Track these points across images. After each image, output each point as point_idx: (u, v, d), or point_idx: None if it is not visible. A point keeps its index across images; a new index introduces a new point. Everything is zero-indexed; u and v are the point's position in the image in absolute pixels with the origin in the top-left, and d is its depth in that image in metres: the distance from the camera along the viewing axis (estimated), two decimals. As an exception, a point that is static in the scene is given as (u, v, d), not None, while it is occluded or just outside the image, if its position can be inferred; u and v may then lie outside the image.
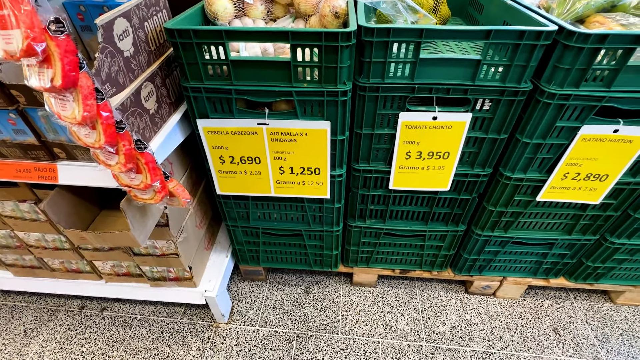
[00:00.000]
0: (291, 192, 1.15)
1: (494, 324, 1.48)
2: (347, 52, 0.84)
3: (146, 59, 0.85)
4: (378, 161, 1.12)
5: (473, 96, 0.92)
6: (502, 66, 0.87)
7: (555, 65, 0.86)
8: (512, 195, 1.14)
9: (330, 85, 0.90)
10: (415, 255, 1.44)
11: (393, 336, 1.44)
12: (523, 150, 1.02)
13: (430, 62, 0.88)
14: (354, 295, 1.59)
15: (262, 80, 0.91)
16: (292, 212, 1.27)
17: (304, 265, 1.51)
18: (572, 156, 1.00)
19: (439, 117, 0.96)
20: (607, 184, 1.06)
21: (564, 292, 1.60)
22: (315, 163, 1.06)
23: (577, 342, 1.42)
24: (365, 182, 1.17)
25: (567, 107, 0.91)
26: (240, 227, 1.33)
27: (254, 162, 1.08)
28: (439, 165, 1.07)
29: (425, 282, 1.64)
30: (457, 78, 0.90)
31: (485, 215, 1.23)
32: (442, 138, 1.01)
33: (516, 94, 0.90)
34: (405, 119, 0.97)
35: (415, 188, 1.14)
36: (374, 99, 0.95)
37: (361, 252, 1.44)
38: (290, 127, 0.98)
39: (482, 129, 1.00)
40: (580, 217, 1.19)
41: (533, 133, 0.97)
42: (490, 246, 1.33)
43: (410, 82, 0.90)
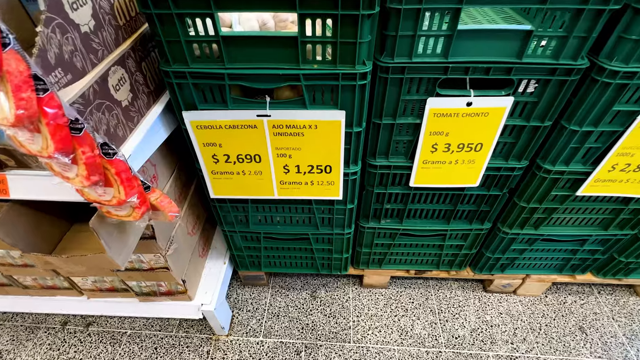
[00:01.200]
0: (297, 194, 0.99)
1: (516, 324, 1.38)
2: (368, 24, 0.67)
3: (113, 36, 0.67)
4: (398, 155, 0.96)
5: (518, 76, 0.76)
6: (556, 38, 0.71)
7: (620, 36, 0.71)
8: (549, 190, 1.00)
9: (347, 66, 0.73)
10: (433, 256, 1.31)
11: (409, 342, 1.33)
12: (569, 139, 0.87)
13: (468, 35, 0.71)
14: (364, 298, 1.47)
15: (261, 61, 0.74)
16: (297, 214, 1.11)
17: (311, 269, 1.37)
18: (626, 145, 0.86)
19: (474, 103, 0.81)
20: (660, 175, 0.93)
21: (587, 287, 1.50)
22: (326, 160, 0.90)
23: (605, 340, 1.33)
24: (382, 179, 1.02)
25: (629, 87, 0.76)
26: (238, 233, 1.18)
27: (253, 160, 0.91)
28: (470, 158, 0.92)
29: (441, 281, 1.52)
30: (500, 55, 0.74)
31: (515, 212, 1.09)
32: (476, 127, 0.85)
33: (570, 73, 0.75)
34: (434, 105, 0.81)
35: (439, 185, 1.00)
36: (398, 83, 0.79)
37: (374, 254, 1.30)
38: (297, 119, 0.82)
39: (523, 115, 0.85)
40: (621, 212, 1.07)
41: (584, 119, 0.83)
42: (517, 244, 1.21)
43: (444, 60, 0.74)
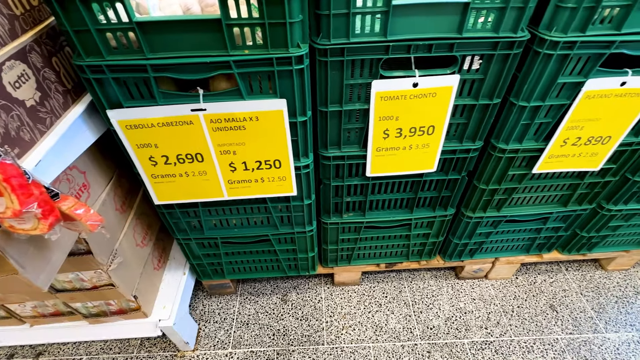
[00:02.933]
0: (249, 193, 0.93)
1: (490, 308, 1.37)
2: (297, 2, 0.63)
3: (7, 26, 0.59)
4: (351, 145, 0.92)
5: (460, 52, 0.74)
6: (495, 10, 0.68)
7: (557, 5, 0.69)
8: (506, 169, 0.99)
9: (281, 50, 0.68)
10: (402, 247, 1.28)
11: (385, 338, 1.29)
12: (519, 116, 0.86)
13: (406, 10, 0.68)
14: (337, 297, 1.42)
15: (187, 49, 0.67)
16: (254, 215, 1.05)
17: (278, 272, 1.31)
18: (574, 118, 0.86)
19: (420, 84, 0.77)
20: (609, 147, 0.93)
21: (556, 265, 1.52)
22: (274, 154, 0.85)
23: (575, 316, 1.34)
24: (337, 171, 0.98)
25: (570, 58, 0.75)
26: (194, 240, 1.10)
27: (195, 160, 0.85)
28: (424, 142, 0.89)
29: (413, 273, 1.50)
30: (440, 30, 0.71)
31: (476, 195, 1.08)
32: (426, 109, 0.82)
33: (512, 46, 0.73)
34: (380, 88, 0.78)
35: (397, 172, 0.96)
36: (339, 66, 0.74)
37: (341, 250, 1.26)
38: (235, 111, 0.76)
39: (472, 94, 0.83)
40: (578, 187, 1.07)
41: (531, 94, 0.81)
42: (482, 228, 1.20)
43: (383, 39, 0.70)
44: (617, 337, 1.28)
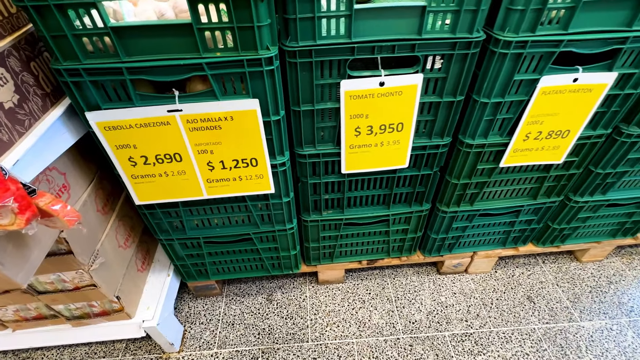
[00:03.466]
0: (227, 191, 0.96)
1: (470, 302, 1.41)
2: (263, 6, 0.67)
3: (-14, 33, 0.62)
4: (325, 143, 0.96)
5: (422, 52, 0.78)
6: (450, 13, 0.74)
7: (508, 8, 0.75)
8: (474, 164, 1.04)
9: (250, 52, 0.71)
10: (382, 243, 1.31)
11: (368, 333, 1.31)
12: (482, 112, 0.91)
13: (367, 14, 0.73)
14: (321, 295, 1.45)
15: (161, 52, 0.71)
16: (235, 214, 1.08)
17: (262, 272, 1.33)
18: (533, 113, 0.91)
19: (386, 82, 0.82)
20: (569, 140, 0.99)
21: (533, 257, 1.57)
22: (250, 153, 0.88)
23: (552, 307, 1.39)
24: (314, 168, 1.01)
25: (524, 56, 0.80)
26: (176, 240, 1.12)
27: (173, 160, 0.87)
28: (394, 139, 0.94)
29: (396, 269, 1.53)
30: (401, 32, 0.76)
31: (449, 190, 1.12)
32: (393, 107, 0.87)
33: (469, 46, 0.78)
34: (348, 87, 0.82)
35: (370, 169, 1.00)
36: (308, 67, 0.79)
37: (323, 248, 1.29)
38: (211, 112, 0.79)
39: (436, 92, 0.88)
40: (545, 180, 1.13)
41: (491, 91, 0.86)
42: (458, 222, 1.24)
43: (348, 41, 0.75)
44: (591, 325, 1.33)
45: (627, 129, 1.00)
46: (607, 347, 1.26)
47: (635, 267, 1.53)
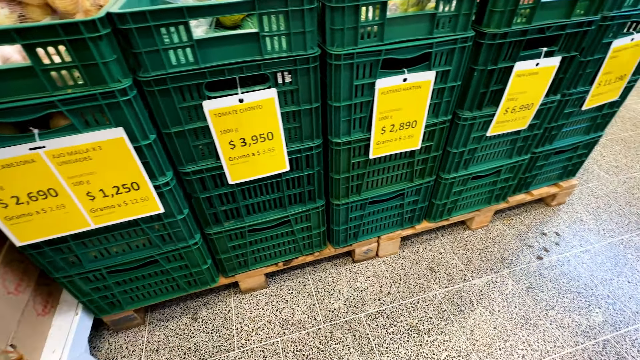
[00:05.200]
0: (115, 218, 0.99)
1: (381, 282, 1.56)
2: (104, 45, 0.73)
3: None
4: (207, 159, 1.04)
5: (268, 70, 0.90)
6: (282, 36, 0.87)
7: (331, 28, 0.90)
8: (349, 159, 1.18)
9: (101, 86, 0.77)
10: (292, 243, 1.41)
11: (291, 330, 1.39)
12: (338, 114, 1.06)
13: (210, 42, 0.83)
14: (246, 303, 1.50)
15: (11, 95, 0.74)
16: (133, 239, 1.10)
17: (179, 292, 1.35)
18: (380, 110, 1.08)
19: (245, 99, 0.93)
20: (419, 129, 1.18)
21: (433, 232, 1.78)
22: (129, 178, 0.93)
23: (449, 272, 1.59)
24: (202, 183, 1.08)
25: (356, 65, 0.96)
26: (76, 276, 1.11)
27: (48, 195, 0.89)
28: (268, 147, 1.05)
29: (316, 265, 1.64)
30: (246, 55, 0.87)
31: (335, 185, 1.26)
32: (259, 119, 0.98)
33: (308, 61, 0.92)
34: (211, 107, 0.91)
35: (256, 176, 1.10)
36: (167, 93, 0.87)
37: (235, 258, 1.35)
38: (76, 145, 0.83)
39: (294, 102, 1.00)
40: (414, 164, 1.32)
41: (339, 96, 1.01)
42: (354, 212, 1.39)
43: (197, 67, 0.84)
44: (481, 282, 1.55)
45: (462, 113, 1.22)
46: (493, 297, 1.49)
47: (513, 226, 1.81)
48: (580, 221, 1.82)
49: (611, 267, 1.59)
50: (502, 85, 1.18)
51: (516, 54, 1.10)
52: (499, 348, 1.31)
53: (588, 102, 1.42)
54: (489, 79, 1.15)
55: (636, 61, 1.36)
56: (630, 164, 2.19)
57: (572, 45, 1.16)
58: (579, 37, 1.14)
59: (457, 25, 0.99)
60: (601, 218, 1.83)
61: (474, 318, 1.41)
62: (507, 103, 1.22)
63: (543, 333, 1.35)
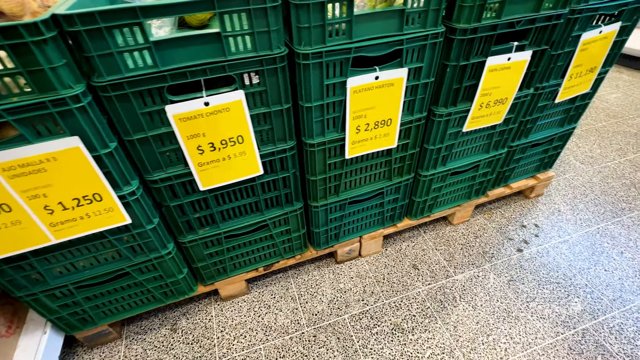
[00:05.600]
0: (78, 231, 0.94)
1: (365, 282, 1.55)
2: (51, 49, 0.69)
3: None
4: (174, 165, 1.00)
5: (234, 72, 0.87)
6: (246, 35, 0.83)
7: (297, 26, 0.87)
8: (324, 160, 1.16)
9: (51, 93, 0.72)
10: (272, 247, 1.38)
11: (274, 336, 1.37)
12: (310, 114, 1.03)
13: (169, 44, 0.79)
14: (227, 311, 1.46)
15: (-53, 105, 0.68)
16: (100, 252, 1.05)
17: (155, 303, 1.31)
18: (353, 109, 1.06)
19: (211, 102, 0.89)
20: (394, 127, 1.16)
21: (416, 230, 1.78)
22: (90, 189, 0.88)
23: (432, 269, 1.59)
24: (172, 191, 1.04)
25: (326, 64, 0.94)
26: (40, 294, 1.05)
27: (1, 211, 0.83)
28: (239, 151, 1.01)
29: (298, 268, 1.61)
30: (209, 56, 0.83)
31: (312, 187, 1.23)
32: (227, 122, 0.94)
33: (275, 61, 0.89)
34: (175, 111, 0.87)
35: (227, 182, 1.06)
36: (125, 98, 0.82)
37: (213, 265, 1.31)
38: (28, 156, 0.78)
39: (263, 103, 0.97)
40: (391, 162, 1.30)
41: (310, 96, 0.99)
42: (333, 213, 1.36)
43: (157, 70, 0.80)
44: (463, 277, 1.55)
45: (437, 110, 1.21)
46: (475, 292, 1.49)
47: (494, 220, 1.82)
48: (558, 212, 1.84)
49: (588, 256, 1.62)
50: (475, 81, 1.18)
51: (488, 49, 1.10)
52: (482, 343, 1.32)
53: (561, 95, 1.43)
54: (462, 75, 1.14)
55: (605, 53, 1.38)
56: (605, 153, 2.24)
57: (543, 39, 1.17)
58: (549, 30, 1.15)
59: (427, 21, 0.98)
60: (578, 208, 1.86)
61: (457, 314, 1.41)
62: (481, 98, 1.21)
63: (524, 325, 1.37)
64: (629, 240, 1.67)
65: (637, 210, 1.83)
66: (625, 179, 2.03)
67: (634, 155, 2.21)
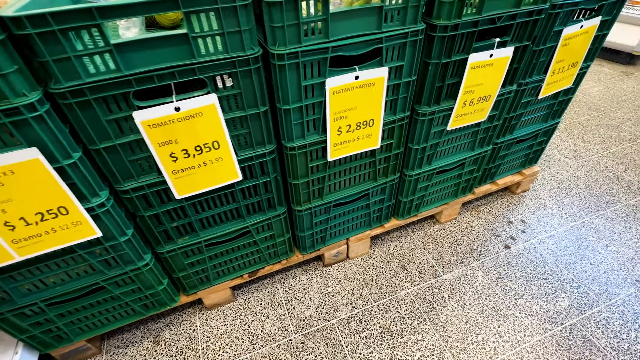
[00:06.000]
0: (44, 247, 0.88)
1: (353, 284, 1.52)
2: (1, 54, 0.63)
3: None
4: (146, 174, 0.95)
5: (205, 75, 0.82)
6: (216, 36, 0.79)
7: (271, 26, 0.83)
8: (306, 163, 1.12)
9: (3, 103, 0.67)
10: (256, 253, 1.34)
11: (261, 344, 1.33)
12: (289, 117, 0.99)
13: (132, 47, 0.74)
14: (212, 320, 1.42)
15: None
16: (71, 267, 1.00)
17: (135, 316, 1.26)
18: (333, 111, 1.02)
19: (182, 107, 0.84)
20: (377, 127, 1.13)
21: (404, 229, 1.76)
22: (54, 202, 0.82)
23: (420, 269, 1.57)
24: (146, 200, 0.99)
25: (302, 64, 0.90)
26: (8, 313, 0.99)
27: (-44, 229, 0.77)
28: (215, 157, 0.97)
29: (285, 273, 1.58)
30: (177, 58, 0.79)
31: (294, 191, 1.20)
32: (200, 128, 0.89)
33: (248, 63, 0.84)
34: (142, 118, 0.82)
35: (205, 189, 1.02)
36: (88, 105, 0.77)
37: (195, 274, 1.27)
38: (-19, 170, 0.72)
39: (239, 107, 0.93)
40: (376, 163, 1.27)
41: (288, 98, 0.95)
42: (318, 217, 1.33)
43: (121, 74, 0.75)
44: (451, 276, 1.54)
45: (420, 109, 1.19)
46: (464, 291, 1.48)
47: (481, 216, 1.82)
48: (544, 207, 1.85)
49: (574, 250, 1.62)
50: (458, 78, 1.15)
51: (469, 45, 1.08)
52: (472, 342, 1.31)
53: (544, 91, 1.42)
54: (444, 73, 1.11)
55: (587, 48, 1.37)
56: (588, 146, 2.26)
57: (524, 35, 1.15)
58: (530, 26, 1.13)
59: (406, 18, 0.95)
60: (563, 202, 1.87)
61: (446, 314, 1.40)
62: (464, 96, 1.19)
63: (513, 323, 1.36)
64: (613, 234, 1.69)
65: (620, 203, 1.85)
66: (609, 171, 2.05)
67: (616, 148, 2.24)
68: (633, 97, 2.75)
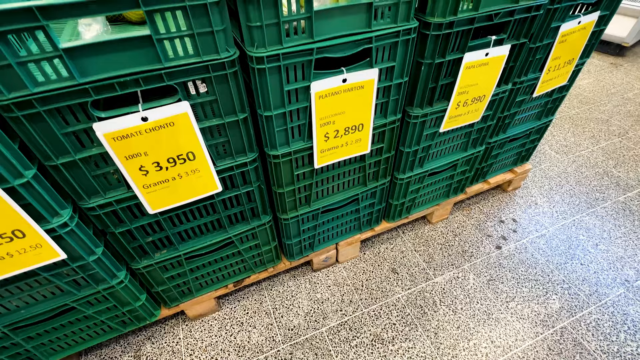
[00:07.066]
0: (8, 271, 0.80)
1: (343, 290, 1.48)
2: None
3: None
4: (114, 188, 0.86)
5: (174, 81, 0.74)
6: (185, 37, 0.70)
7: (248, 25, 0.74)
8: (291, 171, 1.05)
9: None
10: (240, 263, 1.28)
11: (248, 356, 1.28)
12: (271, 124, 0.91)
13: (86, 51, 0.64)
14: (196, 331, 1.36)
15: None
16: (36, 289, 0.91)
17: (113, 333, 1.18)
18: (320, 116, 0.95)
19: (150, 117, 0.75)
20: (366, 131, 1.07)
21: (394, 231, 1.72)
22: (7, 225, 0.74)
23: (412, 272, 1.54)
24: (116, 216, 0.91)
25: (284, 67, 0.82)
26: (-33, 340, 0.91)
27: None
28: (191, 168, 0.88)
29: (272, 279, 1.52)
30: (142, 63, 0.69)
31: (280, 199, 1.13)
32: (172, 138, 0.81)
33: (223, 67, 0.76)
34: (105, 130, 0.73)
35: (182, 202, 0.94)
36: (39, 118, 0.67)
37: (176, 287, 1.20)
38: None
39: (215, 115, 0.84)
40: (366, 168, 1.21)
41: (269, 104, 0.87)
42: (306, 224, 1.27)
43: (75, 83, 0.66)
44: (443, 279, 1.51)
45: (412, 111, 1.12)
46: (455, 294, 1.45)
47: (473, 216, 1.79)
48: (535, 205, 1.83)
49: (565, 250, 1.61)
50: (452, 79, 1.09)
51: (464, 44, 1.01)
52: (463, 349, 1.29)
53: (539, 89, 1.37)
54: (437, 73, 1.05)
55: (583, 44, 1.32)
56: (578, 141, 2.24)
57: (522, 32, 1.08)
58: (528, 22, 1.06)
59: (398, 16, 0.87)
60: (554, 200, 1.85)
61: (438, 319, 1.37)
62: (458, 97, 1.13)
63: (504, 327, 1.34)
64: (603, 232, 1.68)
65: (609, 199, 1.84)
66: (598, 167, 2.04)
67: (606, 142, 2.23)
68: (622, 89, 2.74)
